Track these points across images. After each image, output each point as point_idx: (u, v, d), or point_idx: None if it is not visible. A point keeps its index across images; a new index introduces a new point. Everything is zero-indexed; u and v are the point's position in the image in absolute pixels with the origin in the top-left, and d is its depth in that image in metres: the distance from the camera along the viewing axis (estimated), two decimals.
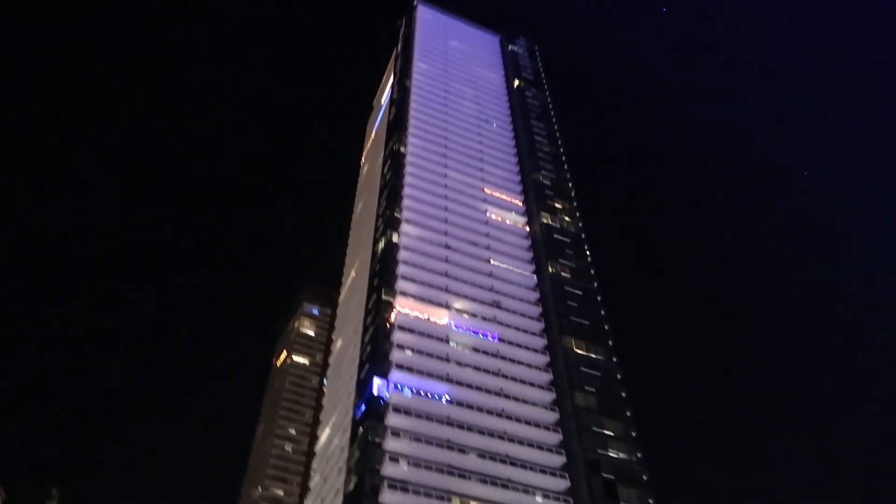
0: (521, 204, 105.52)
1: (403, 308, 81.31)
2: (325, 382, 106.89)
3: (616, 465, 74.66)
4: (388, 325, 78.80)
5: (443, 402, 74.10)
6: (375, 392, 71.82)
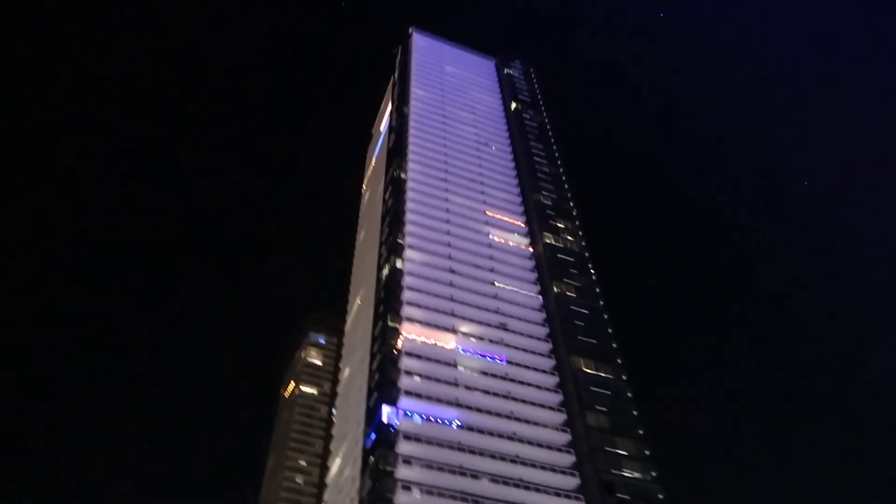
0: (524, 225, 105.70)
1: (410, 334, 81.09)
2: (334, 412, 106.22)
3: (631, 486, 73.83)
4: (396, 352, 78.52)
5: (453, 428, 73.55)
6: (385, 420, 71.36)
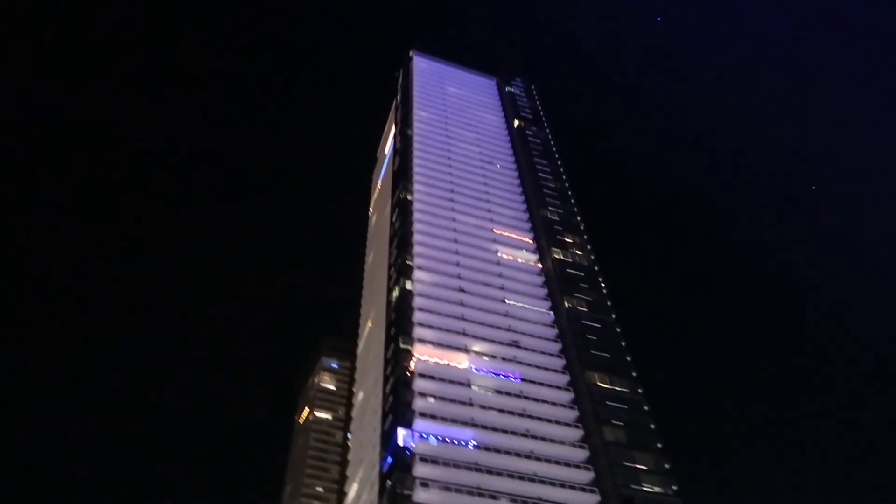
0: (532, 241, 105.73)
1: (422, 355, 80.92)
2: (349, 436, 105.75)
3: (651, 500, 72.95)
4: (409, 374, 78.32)
5: (470, 448, 73.07)
6: (401, 443, 70.99)
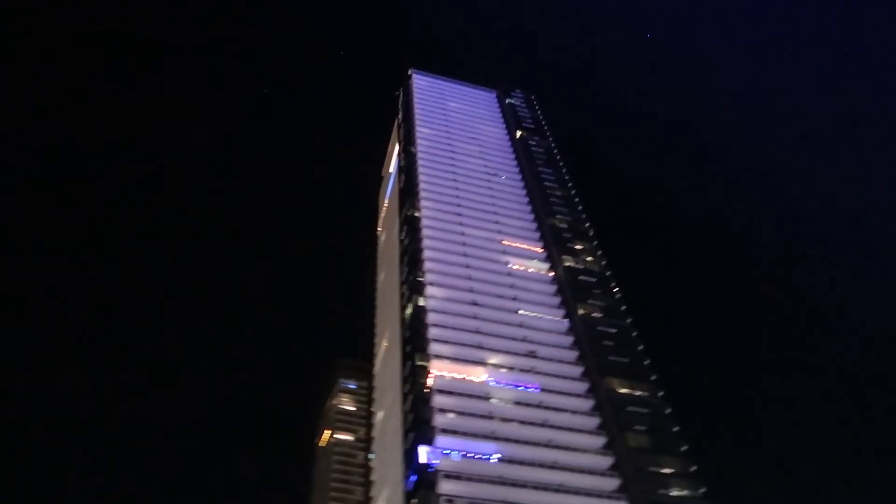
0: (541, 250, 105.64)
1: (439, 371, 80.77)
2: (372, 457, 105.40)
3: None
4: (427, 391, 78.16)
5: (493, 462, 72.67)
6: (423, 460, 70.68)
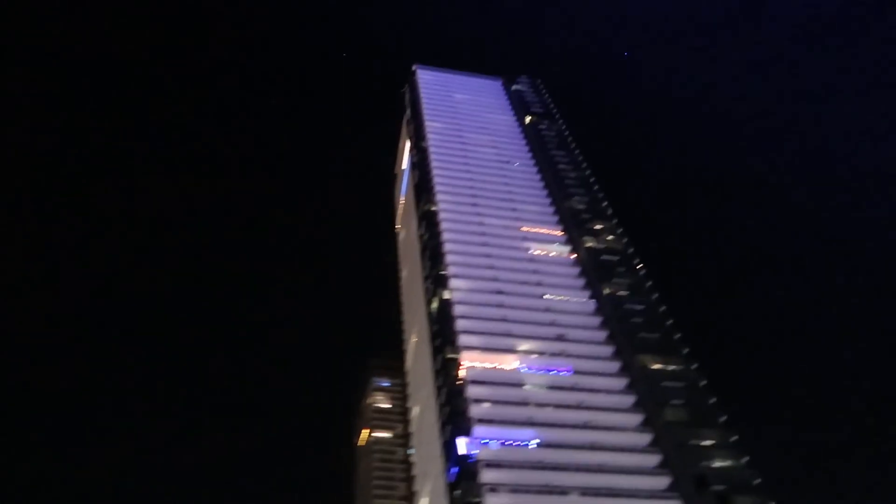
0: (561, 233, 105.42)
1: (471, 362, 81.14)
2: (412, 452, 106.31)
3: (724, 475, 71.73)
4: (460, 382, 78.61)
5: (532, 448, 72.94)
6: (463, 452, 71.15)
